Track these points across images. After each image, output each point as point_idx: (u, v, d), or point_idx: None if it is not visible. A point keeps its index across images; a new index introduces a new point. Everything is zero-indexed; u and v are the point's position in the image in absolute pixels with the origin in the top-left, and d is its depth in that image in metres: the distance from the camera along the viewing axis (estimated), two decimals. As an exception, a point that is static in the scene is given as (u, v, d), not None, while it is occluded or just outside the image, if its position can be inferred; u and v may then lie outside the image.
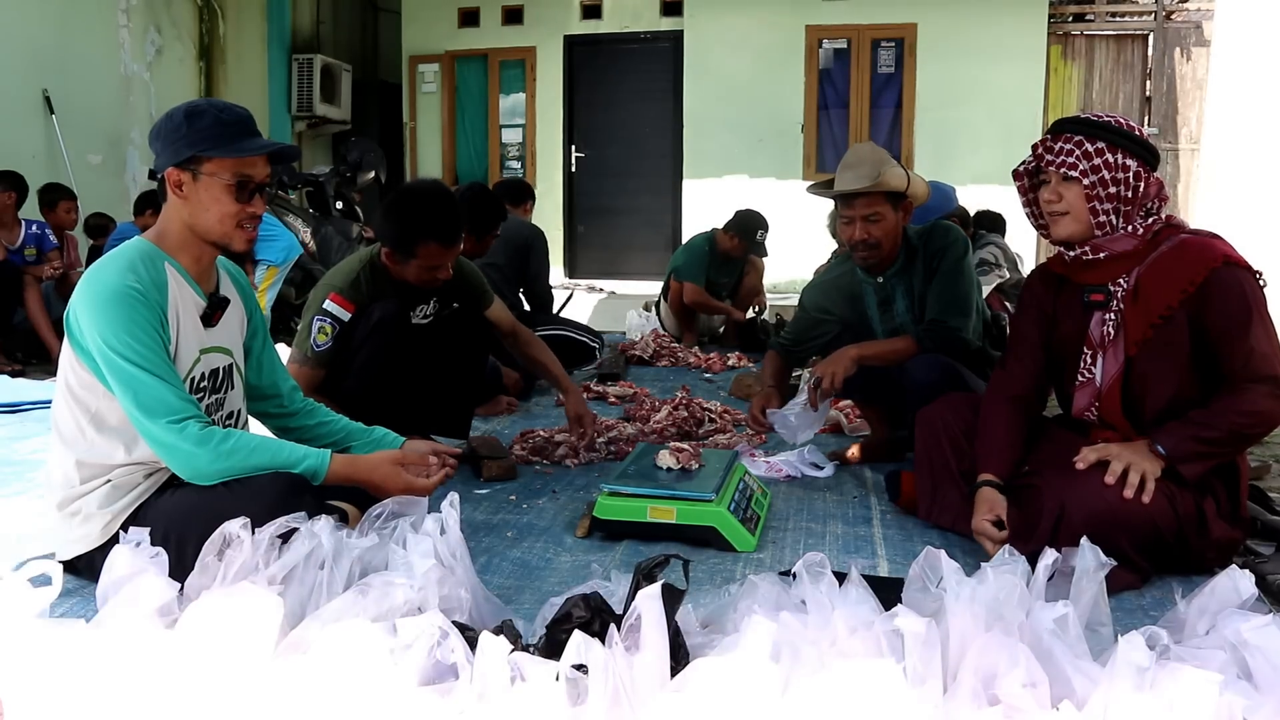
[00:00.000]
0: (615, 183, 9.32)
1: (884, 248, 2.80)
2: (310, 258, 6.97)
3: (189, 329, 1.89)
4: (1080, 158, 2.04)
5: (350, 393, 2.68)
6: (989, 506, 2.14)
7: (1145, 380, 2.08)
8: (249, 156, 1.85)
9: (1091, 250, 2.09)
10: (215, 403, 1.97)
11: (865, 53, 8.65)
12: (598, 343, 4.83)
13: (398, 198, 2.79)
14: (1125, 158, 2.04)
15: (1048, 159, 2.09)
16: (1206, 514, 2.02)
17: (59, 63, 6.83)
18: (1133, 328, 2.07)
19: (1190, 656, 1.36)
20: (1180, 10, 9.27)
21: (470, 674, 1.27)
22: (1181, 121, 9.28)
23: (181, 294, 1.89)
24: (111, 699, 1.32)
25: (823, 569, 1.50)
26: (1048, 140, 2.11)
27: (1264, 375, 1.96)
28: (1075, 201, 2.07)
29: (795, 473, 2.94)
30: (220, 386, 1.98)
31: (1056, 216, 2.10)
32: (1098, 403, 2.15)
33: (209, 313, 1.94)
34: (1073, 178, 2.05)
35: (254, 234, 1.91)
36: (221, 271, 2.04)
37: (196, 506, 1.81)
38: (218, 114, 1.85)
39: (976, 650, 1.33)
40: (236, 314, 2.06)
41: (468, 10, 9.43)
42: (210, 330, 1.95)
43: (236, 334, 2.05)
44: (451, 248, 2.71)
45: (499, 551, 2.25)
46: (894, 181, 2.72)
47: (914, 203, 2.84)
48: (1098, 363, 2.14)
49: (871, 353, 2.81)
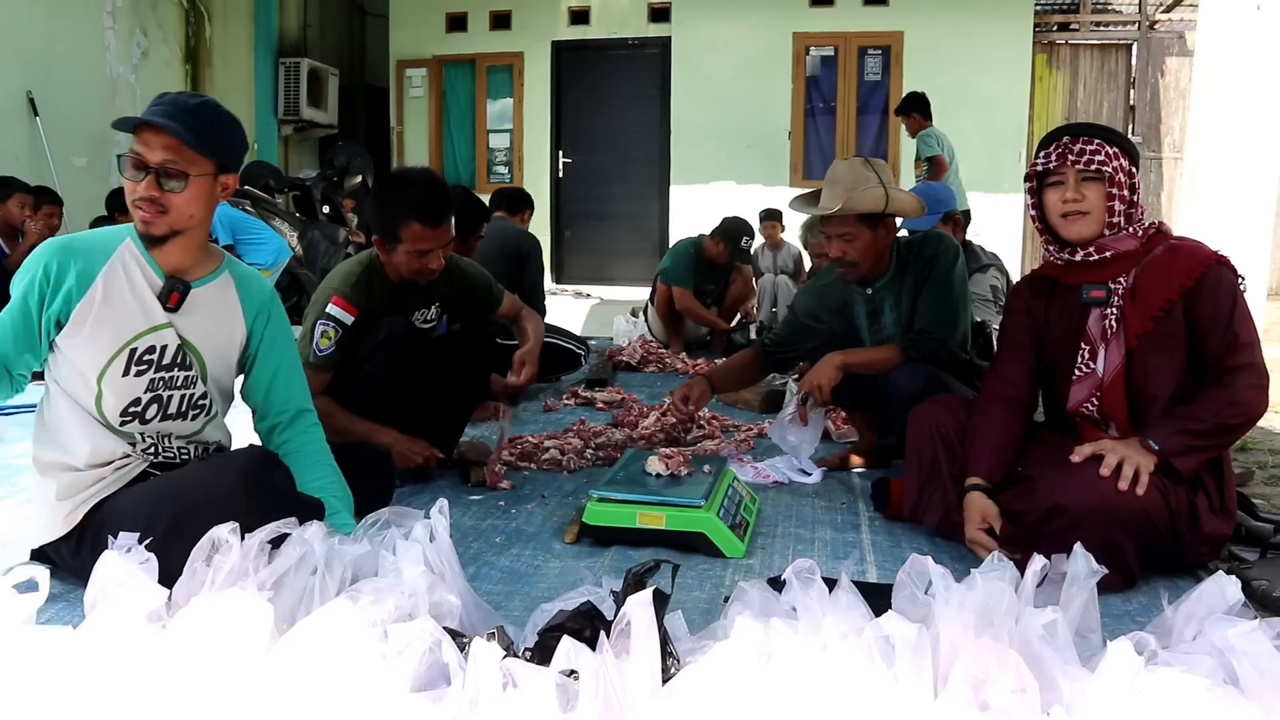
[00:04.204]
0: (602, 188, 9.33)
1: (862, 266, 2.81)
2: (297, 262, 6.95)
3: (132, 303, 1.89)
4: (1106, 158, 2.11)
5: (354, 401, 2.68)
6: (981, 515, 2.16)
7: (1146, 370, 2.13)
8: (138, 130, 1.84)
9: (1097, 250, 2.14)
10: (165, 379, 1.94)
11: (852, 60, 8.70)
12: (583, 350, 4.83)
13: (384, 181, 2.86)
14: (1130, 163, 2.14)
15: (1070, 159, 2.13)
16: (1199, 509, 2.07)
17: (44, 64, 6.80)
18: (1133, 322, 2.12)
19: (1178, 662, 1.37)
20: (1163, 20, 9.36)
21: (462, 680, 1.27)
22: (1165, 130, 9.37)
23: (129, 270, 1.90)
24: (100, 706, 1.30)
25: (812, 575, 1.51)
26: (1065, 141, 2.15)
27: (1245, 363, 2.06)
28: (1097, 201, 2.12)
29: (783, 479, 2.94)
30: (172, 365, 1.94)
31: (1076, 216, 2.14)
32: (1099, 394, 2.18)
33: (165, 293, 1.92)
34: (1102, 175, 2.10)
35: (147, 216, 1.85)
36: (229, 275, 2.04)
37: (159, 490, 1.86)
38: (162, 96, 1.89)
39: (967, 656, 1.33)
40: (224, 318, 2.03)
41: (455, 15, 9.43)
42: (172, 313, 1.93)
43: (219, 337, 2.02)
44: (436, 228, 2.67)
45: (488, 558, 2.25)
46: (862, 205, 2.71)
47: (899, 219, 2.83)
48: (1099, 356, 2.17)
49: (856, 360, 2.80)
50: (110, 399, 1.90)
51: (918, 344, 2.78)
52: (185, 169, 1.85)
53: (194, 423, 2.01)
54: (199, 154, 1.86)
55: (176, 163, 1.84)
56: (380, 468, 2.40)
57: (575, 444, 3.21)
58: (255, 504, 1.77)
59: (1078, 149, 2.12)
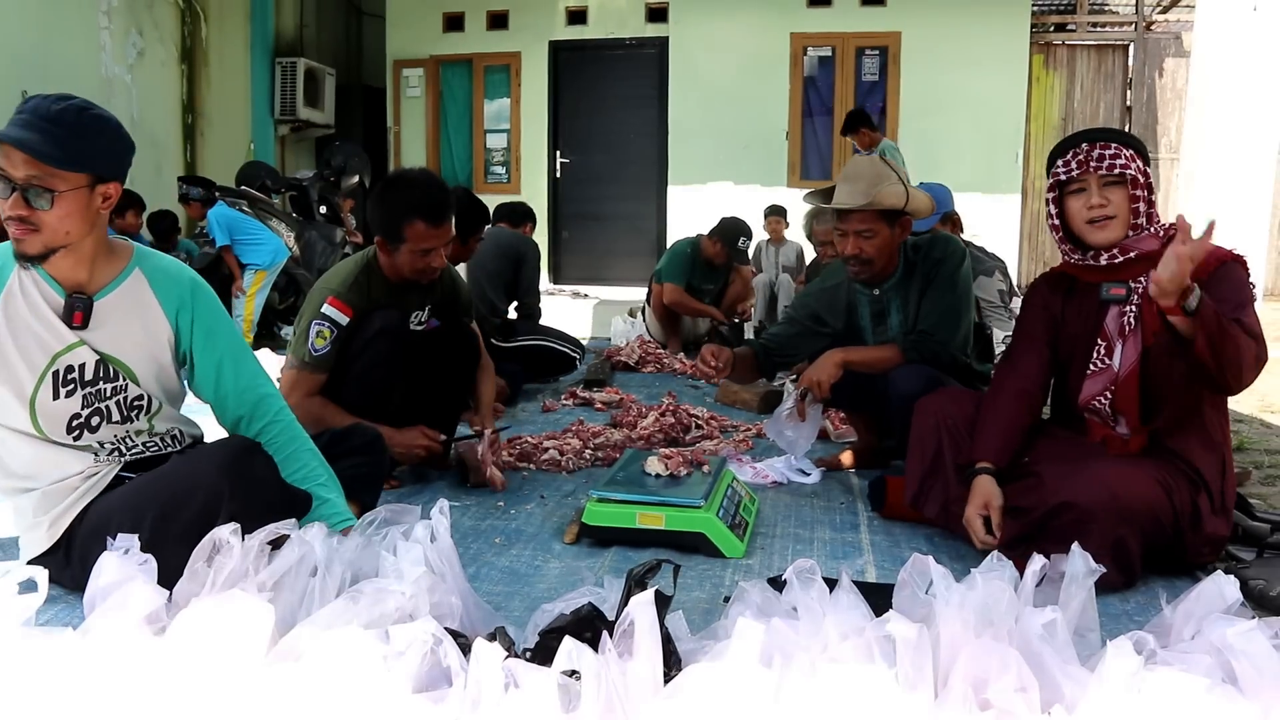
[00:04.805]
0: (600, 189, 9.32)
1: (876, 264, 2.78)
2: (294, 263, 6.95)
3: (39, 327, 1.81)
4: (1127, 160, 2.13)
5: (346, 400, 2.68)
6: (984, 499, 2.16)
7: (1161, 366, 2.13)
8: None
9: (1121, 252, 2.15)
10: (95, 393, 1.87)
11: (850, 61, 8.70)
12: (578, 352, 4.84)
13: (385, 182, 2.83)
14: (1144, 164, 2.17)
15: (1092, 165, 2.14)
16: (1201, 509, 2.08)
17: (39, 64, 6.78)
18: (1150, 319, 2.12)
19: (1177, 661, 1.37)
20: (1160, 21, 9.38)
21: (464, 681, 1.27)
22: (1161, 131, 9.39)
23: (27, 295, 1.81)
24: (100, 708, 1.30)
25: (813, 575, 1.51)
26: (1085, 148, 2.15)
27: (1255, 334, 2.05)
28: (1122, 205, 2.14)
29: (782, 479, 2.94)
30: (96, 380, 1.87)
31: (1104, 221, 2.15)
32: (1113, 389, 2.18)
33: (66, 314, 1.83)
34: (1128, 177, 2.12)
35: (19, 234, 1.73)
36: (139, 275, 1.92)
37: (140, 491, 1.82)
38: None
39: (967, 655, 1.33)
40: (142, 321, 1.91)
41: (452, 15, 9.42)
42: (81, 330, 1.84)
43: (139, 341, 1.91)
44: (439, 228, 2.69)
45: (487, 558, 2.25)
46: (889, 200, 2.70)
47: (914, 219, 2.81)
48: (1115, 352, 2.18)
49: (857, 358, 2.79)
50: (47, 422, 1.84)
51: (919, 345, 2.76)
52: (50, 185, 1.70)
53: (143, 420, 1.95)
54: (63, 169, 1.71)
55: (40, 178, 1.69)
56: (371, 450, 2.32)
57: (574, 444, 3.21)
58: (238, 493, 1.74)
59: (1098, 155, 2.14)
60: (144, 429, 1.96)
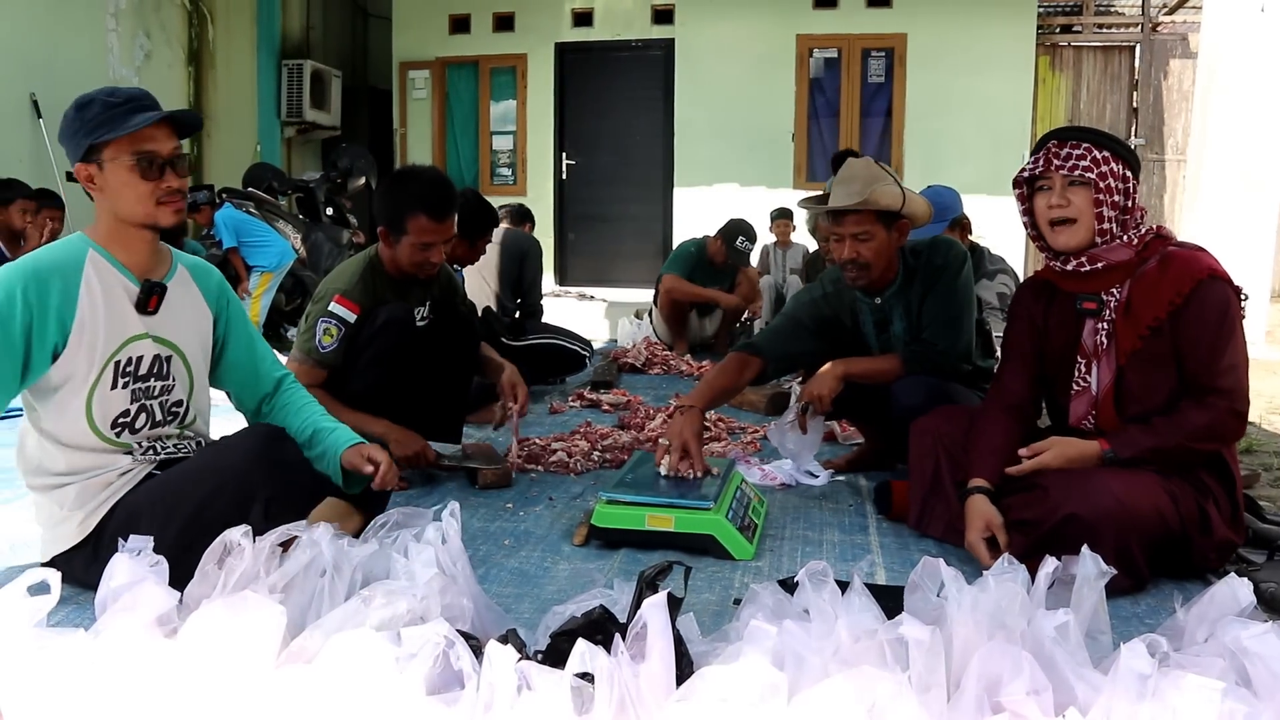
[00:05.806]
0: (606, 190, 9.33)
1: (874, 269, 2.69)
2: (301, 264, 6.96)
3: (115, 314, 1.86)
4: (1091, 163, 2.05)
5: (354, 394, 2.71)
6: (983, 521, 2.12)
7: (1136, 390, 2.10)
8: (141, 130, 1.81)
9: (1089, 260, 2.09)
10: (144, 390, 1.92)
11: (855, 62, 8.70)
12: (588, 351, 4.84)
13: (394, 175, 2.91)
14: (1124, 168, 2.07)
15: (1055, 164, 2.08)
16: (1210, 515, 2.05)
17: (47, 66, 6.80)
18: (1124, 338, 2.09)
19: (1190, 664, 1.37)
20: (1167, 22, 9.36)
21: (477, 683, 1.27)
22: (1168, 132, 9.36)
23: (104, 282, 1.86)
24: (111, 709, 1.30)
25: (825, 577, 1.51)
26: (1053, 146, 2.09)
27: (1225, 387, 2.01)
28: (1084, 207, 2.06)
29: (790, 481, 2.94)
30: (148, 376, 1.93)
31: (1063, 224, 2.09)
32: (1095, 411, 2.17)
33: (143, 298, 1.89)
34: (1087, 180, 2.05)
35: (180, 205, 1.88)
36: (182, 267, 2.02)
37: (171, 483, 1.86)
38: (105, 99, 1.83)
39: (980, 658, 1.33)
40: (194, 311, 2.02)
41: (458, 17, 9.43)
42: (147, 318, 1.91)
43: (194, 331, 2.01)
44: (441, 223, 2.73)
45: (496, 560, 2.25)
46: (884, 200, 2.62)
47: (912, 223, 2.72)
48: (1093, 371, 2.15)
49: (857, 370, 2.75)
50: (100, 413, 1.87)
51: (920, 356, 2.72)
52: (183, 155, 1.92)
53: (175, 427, 2.01)
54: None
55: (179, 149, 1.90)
56: None
57: (582, 446, 3.21)
58: (272, 478, 1.79)
59: (1064, 154, 2.07)
60: (174, 434, 2.01)
